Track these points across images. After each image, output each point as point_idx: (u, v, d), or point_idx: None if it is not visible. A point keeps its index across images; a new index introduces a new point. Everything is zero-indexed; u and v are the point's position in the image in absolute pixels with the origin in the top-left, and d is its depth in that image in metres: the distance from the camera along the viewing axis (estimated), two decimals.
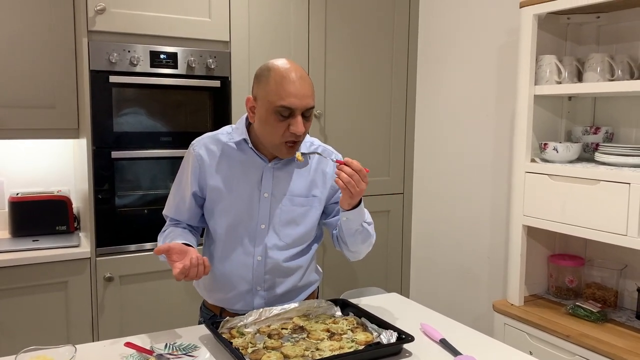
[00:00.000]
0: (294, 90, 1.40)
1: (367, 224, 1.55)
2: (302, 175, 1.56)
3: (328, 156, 1.56)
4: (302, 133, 1.43)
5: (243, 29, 2.51)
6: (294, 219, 1.55)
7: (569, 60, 2.07)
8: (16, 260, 2.14)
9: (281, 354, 1.36)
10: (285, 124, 1.43)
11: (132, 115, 2.33)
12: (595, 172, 1.86)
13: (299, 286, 1.65)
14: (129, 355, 1.36)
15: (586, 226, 1.89)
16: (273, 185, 1.53)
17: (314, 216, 1.58)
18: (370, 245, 1.63)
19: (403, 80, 2.98)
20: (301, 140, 1.49)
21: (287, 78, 1.41)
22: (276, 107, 1.41)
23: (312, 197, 1.57)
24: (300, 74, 1.44)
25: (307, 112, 1.44)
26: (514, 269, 2.16)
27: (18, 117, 2.31)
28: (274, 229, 1.54)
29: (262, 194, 1.53)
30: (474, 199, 2.73)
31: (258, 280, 1.57)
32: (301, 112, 1.42)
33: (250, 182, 1.53)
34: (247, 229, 1.54)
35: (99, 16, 2.20)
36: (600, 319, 1.95)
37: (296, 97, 1.40)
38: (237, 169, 1.53)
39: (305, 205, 1.56)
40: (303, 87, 1.42)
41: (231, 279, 1.58)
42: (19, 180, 2.59)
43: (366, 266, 2.99)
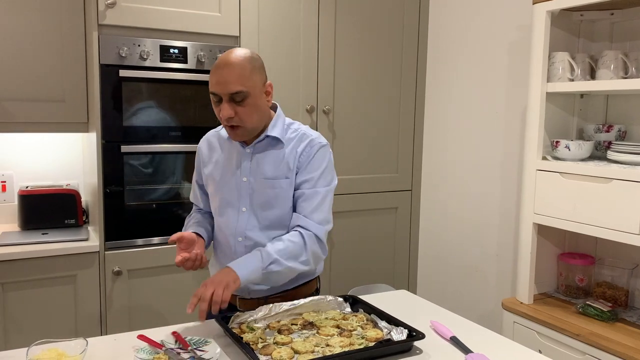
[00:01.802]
0: (217, 77, 1.46)
1: (271, 266, 1.48)
2: (278, 159, 1.58)
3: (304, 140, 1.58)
4: (227, 118, 1.47)
5: (253, 24, 2.50)
6: (269, 201, 1.57)
7: (581, 58, 2.06)
8: (25, 254, 2.15)
9: (291, 350, 1.36)
10: (219, 109, 1.49)
11: (142, 109, 2.33)
12: (608, 170, 1.84)
13: None
14: (141, 349, 1.36)
15: (598, 225, 1.88)
16: (251, 169, 1.58)
17: (288, 197, 1.58)
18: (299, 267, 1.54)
19: (412, 76, 2.97)
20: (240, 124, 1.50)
21: (216, 66, 1.48)
22: (210, 94, 1.50)
23: (284, 179, 1.57)
24: (229, 61, 1.46)
25: (236, 97, 1.46)
26: (524, 267, 2.15)
27: (28, 111, 2.31)
28: (253, 212, 1.58)
29: (241, 179, 1.59)
30: (483, 197, 2.71)
31: None
32: (227, 97, 1.46)
33: (232, 168, 1.60)
34: (232, 212, 1.60)
35: (109, 10, 2.20)
36: (610, 318, 1.94)
37: (218, 83, 1.46)
38: (225, 157, 1.62)
39: (276, 187, 1.57)
40: (226, 74, 1.45)
41: (221, 259, 1.68)
42: (28, 173, 2.60)
43: (373, 263, 2.98)
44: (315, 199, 1.55)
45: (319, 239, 1.56)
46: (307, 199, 1.56)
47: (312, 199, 1.55)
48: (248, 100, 1.47)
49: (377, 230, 2.97)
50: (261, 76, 1.52)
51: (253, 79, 1.47)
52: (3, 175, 2.56)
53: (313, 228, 1.54)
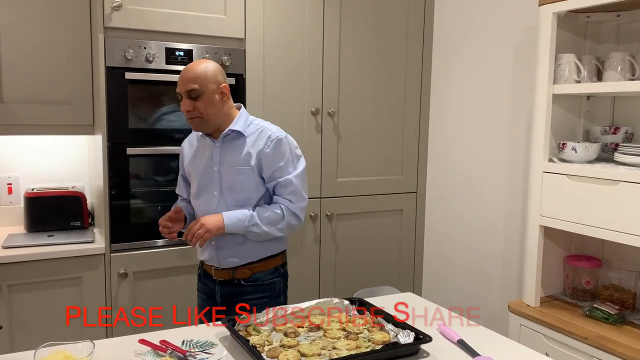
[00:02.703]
0: (179, 79, 1.80)
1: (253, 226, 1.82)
2: (241, 150, 1.86)
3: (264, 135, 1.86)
4: (186, 110, 1.79)
5: (258, 27, 2.50)
6: (234, 186, 1.86)
7: (588, 59, 2.05)
8: (31, 256, 2.15)
9: (298, 353, 1.36)
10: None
11: (147, 111, 2.34)
12: (615, 172, 1.83)
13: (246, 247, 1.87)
14: (145, 352, 1.36)
15: (605, 227, 1.87)
16: (220, 160, 1.87)
17: (251, 183, 1.86)
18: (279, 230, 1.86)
19: (417, 78, 2.96)
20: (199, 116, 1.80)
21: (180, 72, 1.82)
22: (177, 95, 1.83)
23: (246, 167, 1.84)
24: (188, 67, 1.80)
25: (191, 94, 1.78)
26: (531, 269, 2.14)
27: (34, 113, 2.32)
28: (222, 195, 1.87)
29: (213, 168, 1.88)
30: (488, 199, 2.71)
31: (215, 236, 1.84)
32: (186, 94, 1.78)
33: (206, 160, 1.90)
34: (207, 195, 1.89)
35: (115, 13, 2.21)
36: (618, 321, 1.93)
37: (179, 84, 1.80)
38: (199, 151, 1.94)
39: (240, 174, 1.85)
40: (184, 76, 1.78)
41: None
42: (34, 175, 2.61)
43: (378, 265, 2.98)
44: (290, 186, 1.86)
45: (294, 214, 1.87)
46: (283, 186, 1.86)
47: (286, 185, 1.86)
48: (202, 97, 1.79)
49: (383, 232, 2.97)
50: (215, 78, 1.81)
51: (206, 79, 1.79)
52: (9, 178, 2.57)
53: (290, 206, 1.86)
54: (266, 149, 1.83)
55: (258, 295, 1.89)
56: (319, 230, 2.76)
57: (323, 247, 2.79)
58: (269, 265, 1.92)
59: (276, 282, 1.94)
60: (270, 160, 1.84)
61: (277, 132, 1.87)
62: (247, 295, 1.88)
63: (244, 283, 1.89)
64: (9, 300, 2.13)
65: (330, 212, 2.77)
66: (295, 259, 2.70)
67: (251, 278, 1.89)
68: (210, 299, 1.97)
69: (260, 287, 1.90)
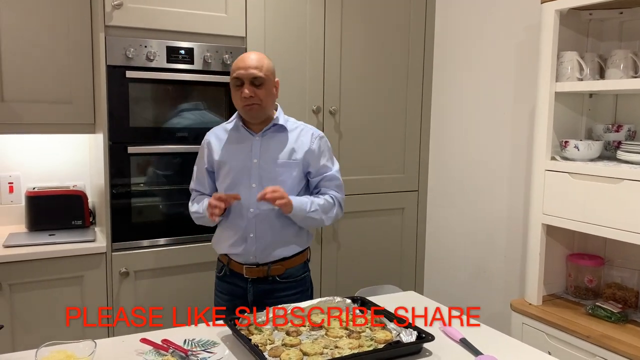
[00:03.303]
0: (241, 64, 1.83)
1: (311, 212, 1.88)
2: (284, 144, 1.92)
3: (307, 132, 1.95)
4: (248, 96, 1.81)
5: (259, 25, 2.50)
6: (276, 179, 1.88)
7: (590, 57, 2.04)
8: (33, 255, 2.15)
9: (300, 351, 1.35)
10: (240, 91, 1.84)
11: (149, 110, 2.33)
12: (618, 170, 1.83)
13: (284, 240, 1.91)
14: (147, 352, 1.36)
15: (608, 225, 1.86)
16: (261, 153, 1.90)
17: (292, 177, 1.91)
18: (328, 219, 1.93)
19: (419, 76, 2.96)
20: (258, 103, 1.84)
21: (240, 59, 1.85)
22: (232, 80, 1.87)
23: (291, 161, 1.90)
24: (252, 55, 1.85)
25: (255, 81, 1.82)
26: (533, 268, 2.13)
27: (34, 112, 2.31)
28: (261, 187, 1.85)
29: (252, 160, 1.89)
30: (490, 197, 2.70)
31: (251, 228, 1.88)
32: (248, 81, 1.82)
33: (244, 152, 1.91)
34: (243, 188, 1.89)
35: (116, 11, 2.20)
36: (621, 319, 1.92)
37: (242, 68, 1.82)
38: (234, 144, 1.94)
39: (284, 167, 1.90)
40: (249, 63, 1.82)
41: (232, 228, 1.92)
42: (35, 174, 2.61)
43: (380, 264, 2.97)
44: (335, 180, 1.98)
45: (340, 205, 1.99)
46: (329, 180, 1.96)
47: (332, 179, 1.97)
48: (264, 85, 1.84)
49: (384, 230, 2.96)
50: (274, 72, 1.90)
51: (269, 70, 1.86)
52: (10, 177, 2.56)
53: (338, 197, 1.97)
54: (313, 146, 1.92)
55: (292, 291, 1.93)
56: (321, 229, 2.76)
57: (324, 246, 2.79)
58: (300, 260, 1.97)
59: (306, 276, 2.01)
60: (317, 156, 1.93)
61: (317, 130, 1.99)
62: (282, 292, 1.91)
63: (279, 280, 1.91)
64: (10, 299, 2.13)
65: None
66: None
67: (285, 274, 1.92)
68: (237, 298, 1.93)
69: (293, 283, 1.94)
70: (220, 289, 1.99)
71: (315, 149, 1.93)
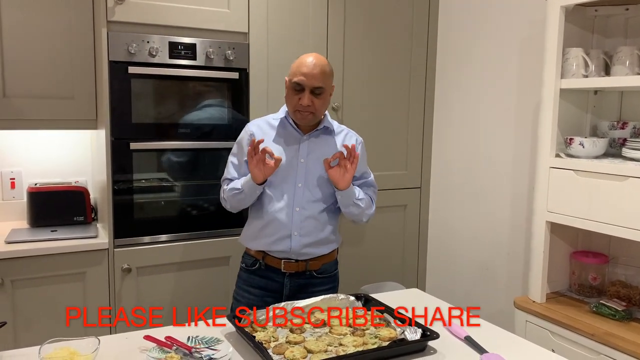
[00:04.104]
0: (306, 71, 1.82)
1: (358, 201, 1.94)
2: (332, 146, 1.96)
3: (352, 137, 2.03)
4: (306, 106, 1.82)
5: (262, 21, 2.48)
6: (323, 180, 1.92)
7: (596, 54, 2.03)
8: (35, 251, 2.14)
9: (304, 349, 1.35)
10: (298, 97, 1.85)
11: (151, 106, 2.32)
12: (624, 168, 1.82)
13: (325, 238, 1.96)
14: (151, 349, 1.35)
15: (612, 223, 1.85)
16: (308, 153, 1.92)
17: None
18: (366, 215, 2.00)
19: (422, 73, 2.94)
20: (313, 112, 1.85)
21: (304, 64, 1.84)
22: (291, 83, 1.85)
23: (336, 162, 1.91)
24: (318, 62, 1.83)
25: (316, 91, 1.83)
26: (537, 265, 2.12)
27: (36, 108, 2.30)
28: (307, 187, 1.92)
29: (299, 160, 1.92)
30: (493, 194, 2.69)
31: (296, 226, 1.91)
32: (310, 89, 1.82)
33: (291, 150, 1.93)
34: (288, 186, 1.92)
35: (118, 6, 2.19)
36: (625, 317, 1.92)
37: (306, 76, 1.82)
38: (280, 140, 1.94)
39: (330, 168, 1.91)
40: (314, 72, 1.81)
41: (275, 226, 1.92)
42: (37, 170, 2.60)
43: (382, 261, 2.96)
44: (373, 186, 2.08)
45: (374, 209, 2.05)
46: (369, 186, 2.06)
47: (371, 185, 2.07)
48: (323, 95, 1.86)
49: (386, 227, 2.95)
50: (332, 78, 1.91)
51: (330, 79, 1.89)
52: (12, 173, 2.56)
53: (375, 199, 2.07)
54: (357, 149, 1.96)
55: (326, 286, 1.99)
56: None
57: None
58: (334, 256, 2.04)
59: (337, 273, 2.07)
60: (361, 161, 1.97)
61: (359, 136, 2.06)
62: (317, 287, 1.96)
63: (316, 275, 1.96)
64: (12, 295, 2.12)
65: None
66: None
67: (321, 269, 1.97)
68: (270, 293, 1.95)
69: (327, 279, 2.00)
70: (251, 283, 1.97)
71: (360, 153, 1.95)
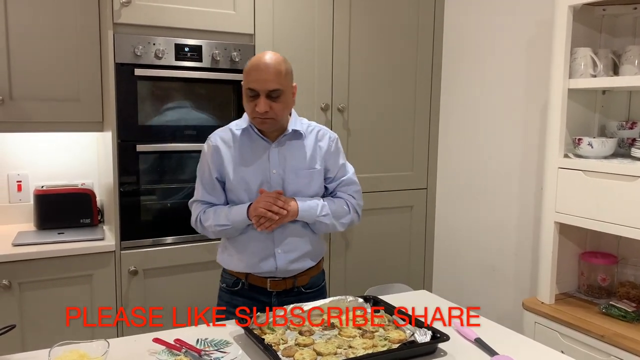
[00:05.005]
0: (257, 75, 1.63)
1: (322, 217, 1.76)
2: (303, 152, 1.78)
3: (323, 135, 1.82)
4: (263, 112, 1.64)
5: (267, 22, 2.48)
6: (300, 190, 1.76)
7: (604, 53, 2.01)
8: (41, 253, 2.14)
9: (314, 352, 1.34)
10: (254, 103, 1.66)
11: (157, 108, 2.32)
12: (633, 168, 1.80)
13: (311, 250, 1.80)
14: (160, 351, 1.35)
15: (622, 223, 1.84)
16: (279, 162, 1.75)
17: (317, 186, 1.80)
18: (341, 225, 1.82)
19: (428, 73, 2.93)
20: (273, 117, 1.67)
21: (255, 66, 1.65)
22: (245, 89, 1.67)
23: (313, 170, 1.78)
24: (268, 62, 1.64)
25: (273, 94, 1.64)
26: (545, 266, 2.11)
27: (43, 110, 2.30)
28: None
29: (271, 171, 1.74)
30: (500, 195, 2.68)
31: (278, 243, 1.75)
32: (265, 93, 1.63)
33: (260, 162, 1.75)
34: None
35: (124, 9, 2.19)
36: (635, 318, 1.90)
37: (257, 81, 1.63)
38: (247, 152, 1.76)
39: (307, 177, 1.77)
40: (265, 74, 1.62)
41: (256, 246, 1.75)
42: (44, 173, 2.60)
43: (389, 262, 2.95)
44: (353, 184, 1.87)
45: (357, 211, 1.87)
46: (347, 184, 1.86)
47: (350, 184, 1.86)
48: (282, 97, 1.67)
49: (393, 229, 2.94)
50: (291, 77, 1.72)
51: (287, 78, 1.68)
52: (19, 175, 2.56)
53: (354, 203, 1.85)
54: (331, 149, 1.82)
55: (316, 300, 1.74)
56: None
57: (333, 244, 2.77)
58: (320, 268, 1.88)
59: (325, 285, 1.92)
60: (335, 159, 1.83)
61: (330, 131, 1.87)
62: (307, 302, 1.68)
63: (304, 290, 1.81)
64: (19, 298, 2.12)
65: None
66: None
67: (309, 284, 1.82)
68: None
69: (317, 292, 1.84)
70: (235, 304, 1.77)
71: (334, 151, 1.82)
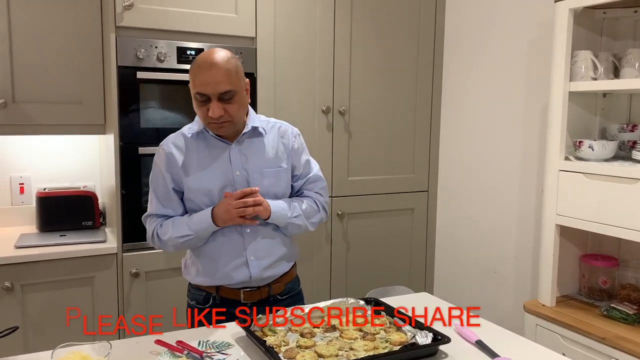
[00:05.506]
0: (205, 78, 1.50)
1: (294, 219, 1.68)
2: (267, 150, 1.68)
3: (285, 131, 1.73)
4: (218, 117, 1.53)
5: (269, 25, 2.49)
6: (267, 191, 1.66)
7: (605, 56, 2.02)
8: (44, 255, 2.15)
9: (315, 353, 1.34)
10: (206, 108, 1.54)
11: (159, 111, 2.33)
12: (634, 170, 1.81)
13: (284, 254, 1.73)
14: (162, 353, 1.35)
15: (623, 226, 1.84)
16: (241, 162, 1.65)
17: (282, 185, 1.71)
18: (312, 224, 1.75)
19: (429, 76, 2.94)
20: (230, 120, 1.56)
21: (200, 67, 1.52)
22: (194, 94, 1.55)
23: (279, 168, 1.69)
24: (215, 62, 1.51)
25: (224, 96, 1.52)
26: (546, 269, 2.11)
27: (45, 113, 2.31)
28: None
29: (234, 173, 1.64)
30: (501, 197, 2.68)
31: (251, 250, 1.66)
32: (216, 97, 1.51)
33: (221, 164, 1.63)
34: None
35: (126, 12, 2.20)
36: (636, 321, 1.90)
37: (206, 84, 1.50)
38: (205, 155, 1.64)
39: (273, 176, 1.68)
40: (214, 75, 1.50)
41: (226, 255, 1.65)
42: (46, 175, 2.61)
43: (390, 264, 2.96)
44: (319, 181, 1.79)
45: (325, 208, 1.79)
46: (313, 182, 1.78)
47: (316, 181, 1.78)
48: (235, 98, 1.55)
49: (394, 231, 2.95)
50: (242, 73, 1.59)
51: (238, 76, 1.55)
52: (21, 177, 2.57)
53: (321, 200, 1.78)
54: (294, 145, 1.72)
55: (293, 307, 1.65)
56: (330, 230, 2.75)
57: (334, 247, 2.78)
58: (294, 273, 1.81)
59: (301, 289, 1.85)
60: (300, 156, 1.74)
61: (292, 126, 1.76)
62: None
63: (280, 298, 1.73)
64: (21, 300, 2.13)
65: (342, 211, 2.76)
66: (307, 259, 2.68)
67: (285, 290, 1.74)
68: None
69: (294, 299, 1.77)
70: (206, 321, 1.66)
71: (297, 148, 1.73)
